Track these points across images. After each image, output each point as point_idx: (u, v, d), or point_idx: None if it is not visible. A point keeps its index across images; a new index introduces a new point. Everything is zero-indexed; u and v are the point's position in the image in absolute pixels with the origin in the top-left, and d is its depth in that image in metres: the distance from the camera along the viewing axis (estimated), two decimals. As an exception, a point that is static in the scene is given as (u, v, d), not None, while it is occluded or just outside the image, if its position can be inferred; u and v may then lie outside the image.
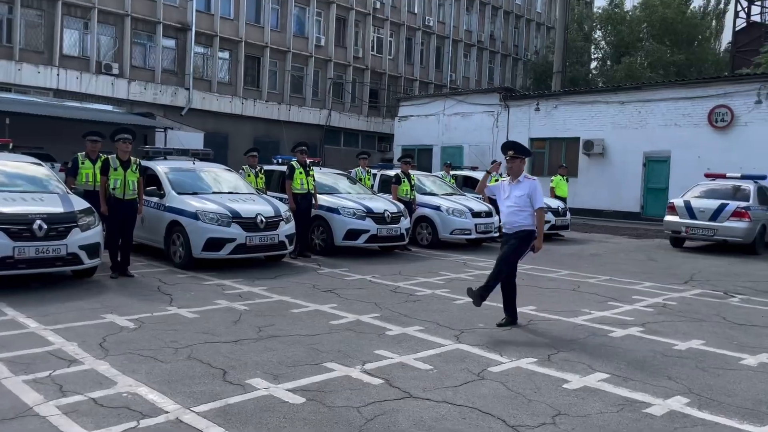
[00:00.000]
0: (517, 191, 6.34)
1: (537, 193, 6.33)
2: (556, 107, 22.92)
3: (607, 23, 40.52)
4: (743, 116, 18.94)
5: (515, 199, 6.31)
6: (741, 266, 11.34)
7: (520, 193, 6.32)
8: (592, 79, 39.96)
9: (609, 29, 41.06)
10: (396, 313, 6.84)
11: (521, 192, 6.32)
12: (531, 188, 6.33)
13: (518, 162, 6.39)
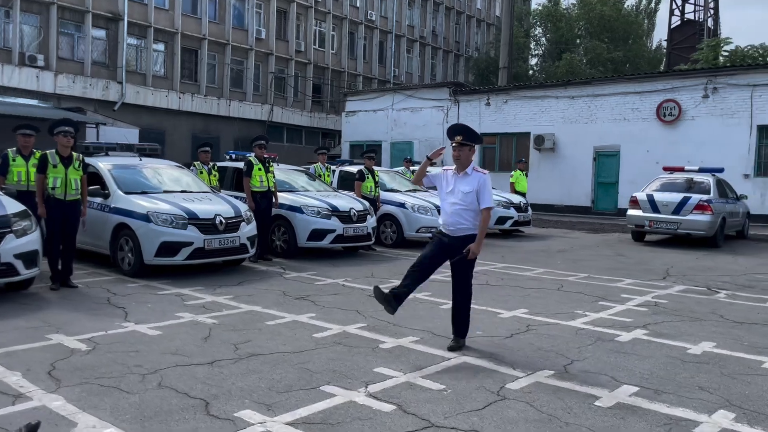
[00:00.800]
0: (463, 185, 5.27)
1: (486, 189, 5.27)
2: (506, 102, 22.76)
3: (546, 20, 40.96)
4: (690, 110, 19.22)
5: (461, 195, 5.26)
6: (709, 260, 11.27)
7: (467, 188, 5.25)
8: (533, 76, 40.32)
9: (548, 26, 41.54)
10: (383, 321, 6.21)
11: (469, 187, 5.25)
12: (480, 183, 5.25)
13: (467, 150, 5.30)
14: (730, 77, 18.66)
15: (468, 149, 5.34)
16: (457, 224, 5.29)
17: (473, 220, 5.29)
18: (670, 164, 18.52)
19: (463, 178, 5.32)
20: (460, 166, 5.35)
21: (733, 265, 10.74)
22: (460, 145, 5.30)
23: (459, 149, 5.30)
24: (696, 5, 34.11)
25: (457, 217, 5.28)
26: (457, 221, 5.28)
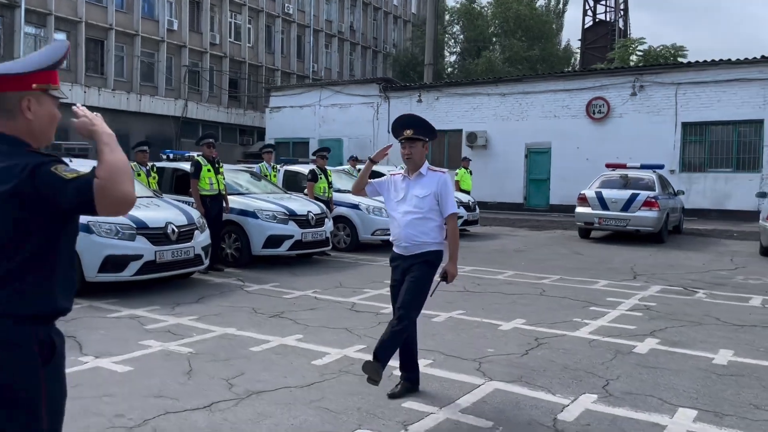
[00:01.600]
0: (417, 189, 4.22)
1: (449, 192, 4.25)
2: (438, 99, 22.52)
3: (463, 18, 41.30)
4: (618, 108, 19.67)
5: (416, 201, 4.19)
6: (663, 257, 11.35)
7: (423, 192, 4.20)
8: (451, 73, 40.56)
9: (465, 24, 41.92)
10: (382, 341, 5.57)
11: (425, 190, 4.20)
12: (440, 185, 4.22)
13: (419, 146, 4.23)
14: (656, 76, 19.23)
15: (421, 145, 4.25)
16: (412, 238, 4.18)
17: (434, 232, 4.22)
18: (599, 161, 18.86)
19: (416, 180, 4.24)
20: (412, 167, 4.26)
21: (688, 261, 10.83)
22: (411, 140, 4.21)
23: (410, 145, 4.21)
24: (607, 6, 35.36)
25: (411, 230, 4.18)
26: (413, 234, 4.18)
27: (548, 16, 44.56)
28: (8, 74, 1.99)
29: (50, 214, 1.94)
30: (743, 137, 18.24)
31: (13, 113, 2.01)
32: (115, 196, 1.84)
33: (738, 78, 17.88)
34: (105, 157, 1.91)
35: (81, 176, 1.86)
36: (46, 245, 1.97)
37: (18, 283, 1.94)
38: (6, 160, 1.94)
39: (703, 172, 18.68)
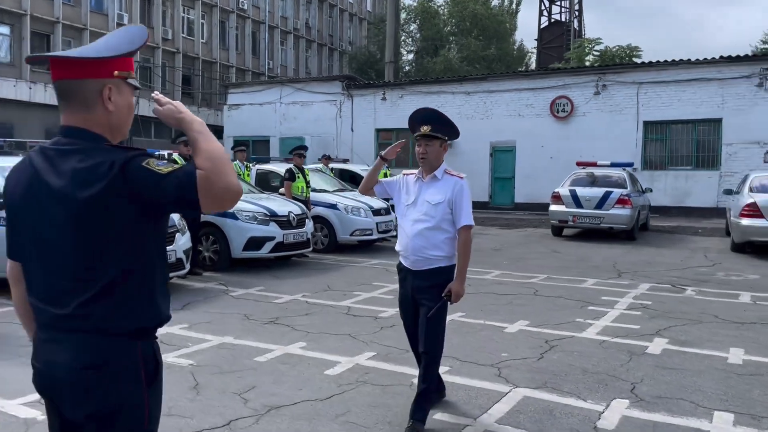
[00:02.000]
0: (430, 194, 3.71)
1: (466, 200, 3.73)
2: (402, 97, 22.34)
3: (420, 16, 41.30)
4: (582, 107, 19.89)
5: (427, 207, 3.70)
6: (638, 254, 11.45)
7: (438, 198, 3.69)
8: (408, 72, 40.52)
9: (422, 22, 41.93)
10: (391, 348, 5.35)
11: (440, 196, 3.69)
12: (457, 191, 3.69)
13: (437, 145, 3.73)
14: (618, 75, 19.52)
15: (439, 144, 3.74)
16: (421, 251, 3.68)
17: (446, 245, 3.70)
18: (563, 159, 19.13)
19: (430, 184, 3.74)
20: (427, 168, 3.75)
21: (665, 258, 10.95)
22: (428, 138, 3.70)
23: (426, 143, 3.70)
24: (562, 7, 35.91)
25: (421, 240, 3.68)
26: (422, 246, 3.68)
27: (503, 16, 44.99)
28: (89, 58, 1.71)
29: (146, 214, 1.69)
30: (702, 136, 18.69)
31: (91, 104, 1.74)
32: (220, 188, 1.61)
33: (697, 78, 18.31)
34: (201, 145, 1.67)
35: (179, 169, 1.62)
36: (143, 248, 1.73)
37: (118, 293, 1.69)
38: (87, 158, 1.67)
39: (664, 170, 19.07)
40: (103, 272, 1.68)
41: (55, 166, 1.70)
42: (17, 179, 1.79)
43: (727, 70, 17.98)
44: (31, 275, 1.79)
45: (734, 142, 18.05)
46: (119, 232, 1.67)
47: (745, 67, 17.86)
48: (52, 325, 1.72)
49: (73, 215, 1.66)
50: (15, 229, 1.81)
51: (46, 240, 1.72)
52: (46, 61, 1.82)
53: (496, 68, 37.16)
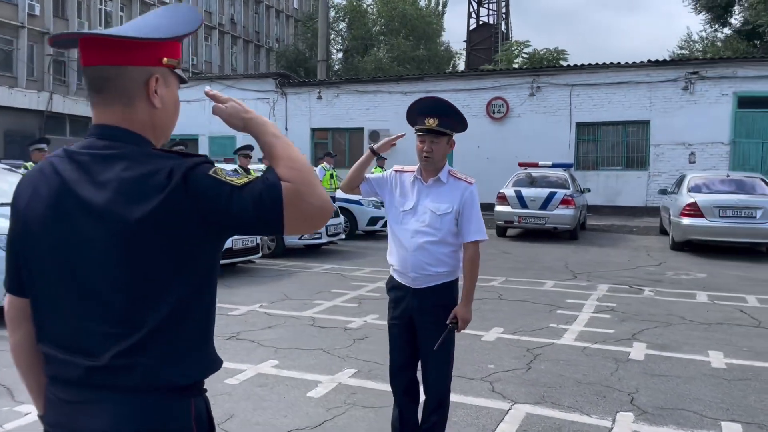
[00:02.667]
0: (434, 201, 3.16)
1: (476, 210, 3.20)
2: (338, 96, 21.93)
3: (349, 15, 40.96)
4: (517, 108, 20.11)
5: (430, 218, 3.15)
6: (586, 254, 11.57)
7: (442, 207, 3.15)
8: (338, 71, 40.11)
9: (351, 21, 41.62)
10: (370, 363, 5.01)
11: (445, 204, 3.16)
12: (466, 199, 3.17)
13: (443, 143, 3.16)
14: (551, 77, 19.86)
15: (446, 141, 3.17)
16: (422, 267, 3.14)
17: (450, 260, 3.20)
18: (499, 160, 19.27)
19: (433, 188, 3.19)
20: (430, 169, 3.19)
21: (611, 257, 11.10)
22: (435, 134, 3.13)
23: (431, 140, 3.13)
24: (490, 9, 36.42)
25: (423, 256, 3.13)
26: (423, 262, 3.14)
27: (431, 17, 45.30)
28: (137, 39, 1.31)
29: (212, 236, 1.32)
30: (632, 137, 19.27)
31: (133, 97, 1.35)
32: (312, 204, 1.29)
33: (627, 81, 18.85)
34: (280, 151, 1.34)
35: (257, 180, 1.28)
36: (203, 279, 1.34)
37: (171, 337, 1.30)
38: (135, 165, 1.27)
39: (595, 170, 19.54)
40: (154, 310, 1.28)
41: (92, 176, 1.29)
42: (33, 191, 1.35)
43: (654, 74, 18.61)
44: (46, 316, 1.35)
45: (661, 143, 18.70)
46: (177, 259, 1.29)
47: (671, 71, 18.54)
48: (81, 381, 1.30)
49: (121, 238, 1.26)
50: (23, 255, 1.37)
51: (76, 270, 1.30)
52: (73, 41, 1.39)
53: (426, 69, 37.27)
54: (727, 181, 11.86)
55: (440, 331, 3.16)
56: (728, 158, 17.98)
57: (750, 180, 11.95)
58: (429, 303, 3.19)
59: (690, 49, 31.90)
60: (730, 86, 17.84)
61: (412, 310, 3.21)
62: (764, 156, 17.72)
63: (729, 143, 17.96)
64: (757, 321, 6.53)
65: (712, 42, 30.30)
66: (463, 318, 3.18)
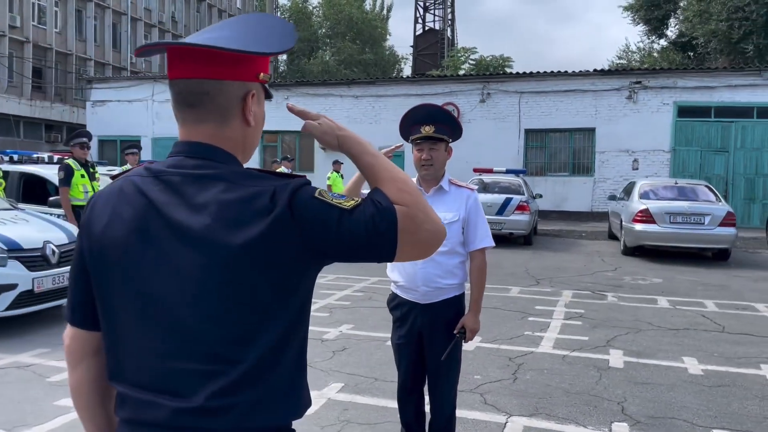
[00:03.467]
0: (441, 211, 2.94)
1: (482, 217, 3.18)
2: (288, 98, 21.59)
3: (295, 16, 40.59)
4: (467, 114, 20.30)
5: None
6: (543, 259, 11.74)
7: (449, 216, 3.07)
8: (284, 72, 39.68)
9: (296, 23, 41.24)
10: (356, 376, 4.88)
11: (451, 213, 3.09)
12: (470, 207, 3.14)
13: (442, 149, 3.10)
14: (501, 84, 20.15)
15: (444, 147, 3.11)
16: (433, 280, 3.07)
17: (459, 271, 3.13)
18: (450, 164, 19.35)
19: (437, 198, 3.11)
20: (431, 178, 3.13)
21: (567, 263, 11.29)
22: (432, 140, 3.06)
23: (430, 147, 3.07)
24: (436, 15, 36.79)
25: (433, 268, 3.04)
26: (434, 275, 3.06)
27: (377, 20, 45.42)
28: (240, 52, 1.19)
29: (313, 264, 1.22)
30: (578, 144, 19.76)
31: (229, 114, 1.24)
32: (428, 230, 1.21)
33: (573, 89, 19.33)
34: (384, 173, 1.26)
35: (367, 203, 1.19)
36: (298, 312, 1.23)
37: (270, 375, 1.18)
38: (234, 187, 1.17)
39: (543, 176, 19.93)
40: (251, 345, 1.16)
41: (186, 198, 1.17)
42: (113, 213, 1.22)
43: (600, 83, 19.15)
44: (124, 352, 1.21)
45: (606, 151, 19.25)
46: (278, 289, 1.17)
47: (615, 80, 19.12)
48: (166, 424, 1.16)
49: (220, 266, 1.14)
50: (99, 284, 1.23)
51: (163, 300, 1.17)
52: (158, 50, 1.26)
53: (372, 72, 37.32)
54: (676, 188, 12.28)
55: (455, 345, 3.11)
56: (669, 165, 18.67)
57: (696, 187, 12.42)
58: (439, 318, 3.12)
59: (628, 59, 33.07)
60: (671, 96, 18.54)
61: (422, 326, 3.14)
62: (702, 163, 18.49)
63: (670, 151, 18.65)
64: (721, 326, 6.74)
65: (649, 53, 31.50)
66: (472, 328, 3.14)
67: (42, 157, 12.45)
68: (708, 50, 25.25)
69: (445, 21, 36.42)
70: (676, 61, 27.51)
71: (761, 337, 6.35)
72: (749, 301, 8.15)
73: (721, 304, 7.91)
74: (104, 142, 23.86)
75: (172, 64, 1.22)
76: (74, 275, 1.28)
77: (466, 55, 30.29)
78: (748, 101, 17.99)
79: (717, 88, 18.15)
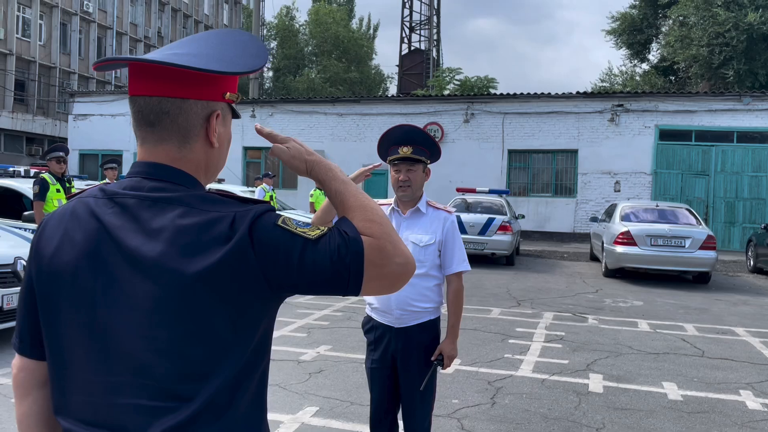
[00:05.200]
0: (417, 233, 3.06)
1: (458, 240, 3.14)
2: (272, 115, 21.58)
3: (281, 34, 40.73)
4: (451, 133, 20.39)
5: (416, 251, 3.02)
6: (526, 280, 11.71)
7: (425, 238, 3.05)
8: (269, 89, 39.70)
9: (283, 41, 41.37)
10: (331, 400, 4.78)
11: (428, 236, 3.06)
12: (447, 229, 3.09)
13: (420, 170, 3.06)
14: (485, 105, 20.27)
15: (422, 168, 3.07)
16: (408, 303, 3.00)
17: (434, 294, 3.08)
18: (433, 183, 19.43)
19: (414, 220, 3.08)
20: (408, 199, 3.08)
21: (549, 284, 11.27)
22: (410, 161, 3.02)
23: (408, 168, 3.03)
24: (421, 36, 37.04)
25: (408, 290, 2.95)
26: (408, 298, 2.99)
27: (363, 40, 45.70)
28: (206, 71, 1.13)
29: (273, 296, 1.15)
30: (560, 165, 19.89)
31: (192, 135, 1.18)
32: (397, 263, 1.15)
33: (556, 111, 19.49)
34: (353, 201, 1.20)
35: (332, 233, 1.12)
36: (257, 346, 1.16)
37: (224, 414, 1.11)
38: (192, 212, 1.11)
39: (526, 196, 20.02)
40: (205, 380, 1.09)
41: (141, 222, 1.11)
42: (64, 236, 1.15)
43: (582, 105, 19.34)
44: (69, 384, 1.13)
45: (588, 172, 19.39)
46: (236, 321, 1.11)
47: (598, 102, 19.32)
48: None
49: (173, 296, 1.07)
50: (46, 310, 1.16)
51: (111, 330, 1.10)
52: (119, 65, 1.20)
53: (358, 91, 37.44)
54: (657, 211, 12.35)
55: (426, 372, 3.04)
56: (650, 187, 18.83)
57: (677, 210, 12.50)
58: (414, 343, 3.05)
59: (611, 82, 33.50)
60: (652, 119, 18.76)
61: (396, 351, 3.07)
62: (683, 186, 18.66)
63: (651, 173, 18.82)
64: (701, 351, 6.72)
65: (631, 76, 31.92)
66: (450, 355, 3.08)
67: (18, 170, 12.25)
68: (689, 75, 25.64)
69: (430, 41, 36.67)
70: (658, 84, 27.90)
71: (740, 362, 6.33)
72: (729, 324, 8.17)
73: (701, 327, 7.91)
74: (85, 156, 23.66)
75: (132, 80, 1.17)
76: (23, 301, 1.21)
77: (451, 76, 30.44)
78: (728, 125, 18.24)
79: (697, 113, 18.41)
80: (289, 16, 41.47)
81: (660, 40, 28.31)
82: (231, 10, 49.60)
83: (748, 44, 21.45)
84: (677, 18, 24.56)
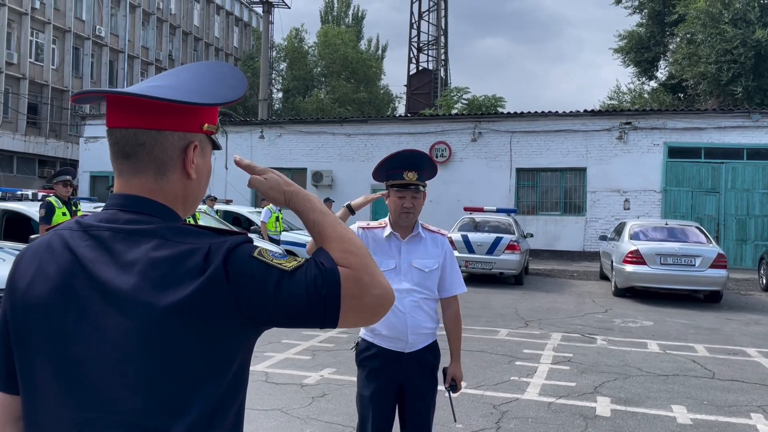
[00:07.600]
0: (419, 258, 3.06)
1: (455, 263, 3.19)
2: (281, 136, 21.72)
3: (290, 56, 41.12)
4: (459, 152, 20.41)
5: (418, 276, 3.04)
6: (534, 299, 11.60)
7: (429, 264, 3.06)
8: (279, 110, 40.00)
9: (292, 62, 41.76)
10: (333, 425, 4.73)
11: (431, 260, 3.07)
12: (447, 253, 3.13)
13: (422, 197, 3.08)
14: (492, 123, 20.29)
15: (423, 195, 3.10)
16: (420, 328, 3.01)
17: (437, 315, 3.12)
18: (442, 203, 19.42)
19: (414, 245, 3.08)
20: (406, 224, 3.07)
21: (558, 304, 11.16)
22: (413, 189, 3.01)
23: (413, 195, 3.01)
24: (429, 56, 37.26)
25: (420, 314, 3.01)
26: (420, 323, 3.01)
27: (371, 60, 46.03)
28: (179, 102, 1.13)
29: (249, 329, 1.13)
30: (569, 183, 19.82)
31: (168, 167, 1.18)
32: (375, 294, 1.13)
33: (564, 129, 19.47)
34: (330, 232, 1.19)
35: (309, 264, 1.11)
36: (232, 380, 1.14)
37: None
38: (166, 244, 1.10)
39: (535, 214, 19.94)
40: (178, 417, 1.07)
41: (114, 255, 1.10)
42: (38, 269, 1.14)
43: (590, 123, 19.30)
44: (40, 419, 1.12)
45: (597, 190, 19.30)
46: (210, 356, 1.09)
47: (606, 120, 19.28)
48: None
49: (144, 330, 1.05)
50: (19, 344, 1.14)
51: (82, 365, 1.08)
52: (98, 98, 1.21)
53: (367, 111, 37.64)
54: (666, 229, 12.24)
55: (433, 394, 3.07)
56: (660, 205, 18.70)
57: (687, 228, 12.38)
58: (424, 366, 3.07)
59: (619, 100, 33.45)
60: (661, 137, 18.68)
61: (404, 377, 3.03)
62: (694, 203, 18.52)
63: (661, 191, 18.70)
64: (711, 372, 6.61)
65: (639, 94, 31.87)
66: (459, 378, 3.18)
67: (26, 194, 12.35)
68: (697, 92, 25.56)
69: (438, 61, 36.85)
70: (666, 102, 27.84)
71: (751, 383, 6.22)
72: (740, 345, 8.03)
73: (711, 348, 7.78)
74: (96, 178, 23.86)
75: (109, 112, 1.17)
76: None
77: (458, 95, 30.54)
78: (738, 143, 18.13)
79: (706, 130, 18.32)
80: (299, 38, 41.86)
81: (668, 57, 28.29)
82: (241, 32, 50.21)
83: (756, 61, 21.39)
84: (684, 35, 24.54)
